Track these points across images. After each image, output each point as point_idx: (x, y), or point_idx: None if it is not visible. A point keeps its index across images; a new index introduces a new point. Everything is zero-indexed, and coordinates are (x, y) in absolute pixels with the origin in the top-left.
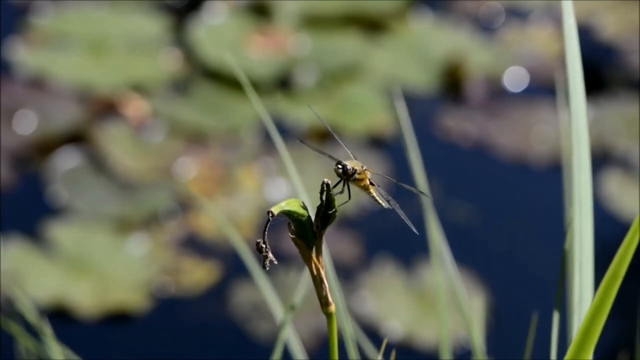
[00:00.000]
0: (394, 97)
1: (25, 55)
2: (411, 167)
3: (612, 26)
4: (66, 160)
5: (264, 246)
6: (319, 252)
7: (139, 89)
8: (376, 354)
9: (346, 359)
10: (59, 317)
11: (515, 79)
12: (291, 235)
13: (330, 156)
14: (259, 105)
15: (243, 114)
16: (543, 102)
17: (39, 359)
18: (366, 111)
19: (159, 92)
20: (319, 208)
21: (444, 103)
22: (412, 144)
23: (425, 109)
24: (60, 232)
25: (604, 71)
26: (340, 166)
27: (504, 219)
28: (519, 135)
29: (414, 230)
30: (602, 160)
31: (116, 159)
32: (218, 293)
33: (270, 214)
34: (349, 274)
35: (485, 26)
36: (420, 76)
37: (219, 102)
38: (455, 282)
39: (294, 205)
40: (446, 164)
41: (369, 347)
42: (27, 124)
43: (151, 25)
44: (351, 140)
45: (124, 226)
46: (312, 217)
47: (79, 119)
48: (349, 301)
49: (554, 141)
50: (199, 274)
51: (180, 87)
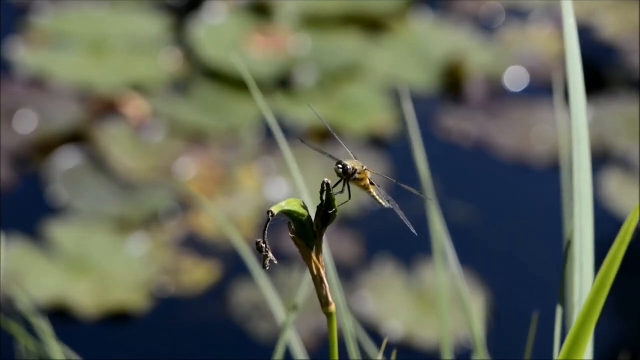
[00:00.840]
0: (397, 97)
1: (25, 55)
2: (415, 167)
3: (612, 26)
4: (66, 160)
5: (264, 246)
6: (319, 251)
7: (139, 88)
8: (377, 353)
9: (347, 359)
10: (59, 317)
11: (515, 78)
12: (291, 235)
13: (330, 156)
14: (263, 104)
15: (243, 113)
16: (543, 102)
17: (39, 358)
18: (366, 111)
19: (159, 92)
20: (319, 208)
21: (444, 103)
22: (417, 144)
23: (425, 109)
24: (60, 232)
25: (604, 71)
26: (340, 166)
27: (504, 219)
28: (519, 135)
29: (413, 231)
30: (602, 160)
31: (116, 158)
32: (218, 293)
33: (271, 214)
34: (349, 273)
35: (485, 26)
36: (420, 76)
37: (219, 102)
38: (458, 282)
39: (294, 205)
40: (446, 164)
41: (369, 347)
42: (27, 124)
43: (151, 25)
44: (351, 140)
45: (124, 226)
46: (313, 217)
47: (79, 119)
48: (349, 301)
49: (554, 141)
50: (199, 274)
51: (180, 87)
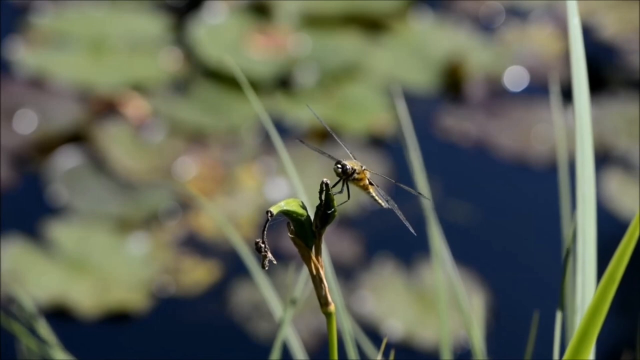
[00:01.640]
0: (394, 97)
1: (25, 55)
2: (411, 167)
3: (612, 26)
4: (66, 160)
5: (263, 246)
6: (319, 251)
7: (139, 88)
8: (376, 353)
9: (346, 358)
10: (59, 317)
11: (515, 78)
12: (290, 235)
13: (329, 156)
14: (258, 106)
15: (243, 113)
16: (543, 101)
17: (40, 358)
18: (366, 111)
19: (159, 91)
20: (318, 208)
21: (444, 103)
22: (413, 144)
23: (425, 108)
24: (61, 232)
25: (604, 71)
26: (339, 166)
27: (504, 219)
28: (519, 135)
29: (412, 231)
30: (602, 160)
31: (116, 158)
32: (218, 293)
33: (270, 214)
34: (349, 273)
35: (485, 26)
36: (420, 76)
37: (219, 101)
38: (455, 282)
39: (293, 205)
40: (446, 163)
41: (369, 346)
42: (27, 124)
43: (151, 25)
44: (351, 140)
45: (124, 226)
46: (312, 217)
47: (79, 119)
48: (349, 301)
49: (553, 141)
50: (199, 274)
51: (180, 86)
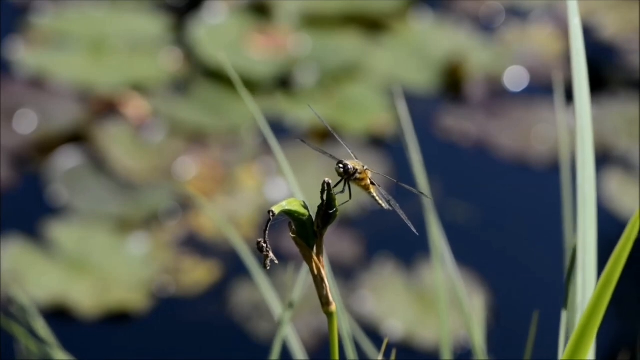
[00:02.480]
0: (394, 97)
1: (25, 55)
2: (411, 167)
3: (612, 26)
4: (66, 160)
5: (264, 246)
6: (320, 251)
7: (139, 88)
8: (376, 353)
9: (347, 358)
10: (59, 317)
11: (515, 78)
12: (292, 235)
13: (331, 156)
14: (253, 106)
15: (243, 113)
16: (543, 101)
17: (40, 358)
18: (366, 111)
19: (159, 91)
20: (319, 207)
21: (444, 103)
22: (413, 144)
23: (425, 108)
24: (61, 232)
25: (604, 71)
26: (341, 165)
27: (504, 219)
28: (519, 135)
29: (414, 231)
30: (602, 160)
31: (116, 158)
32: (218, 293)
33: (271, 214)
34: (349, 273)
35: (485, 26)
36: (420, 76)
37: (219, 101)
38: (456, 282)
39: (294, 205)
40: (446, 163)
41: (369, 347)
42: (27, 124)
43: (151, 25)
44: (351, 140)
45: (124, 226)
46: (313, 217)
47: (79, 119)
48: (349, 301)
49: (553, 141)
50: (199, 274)
51: (180, 86)
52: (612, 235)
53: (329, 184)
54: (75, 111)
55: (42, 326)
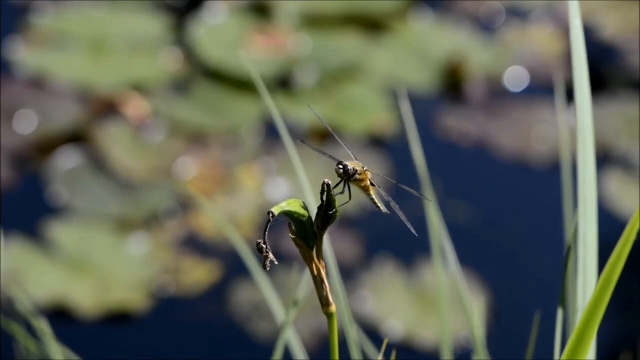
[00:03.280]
0: (395, 97)
1: (25, 55)
2: (413, 167)
3: (612, 26)
4: (66, 160)
5: (264, 246)
6: (320, 252)
7: (139, 88)
8: (376, 353)
9: (347, 358)
10: (59, 317)
11: (515, 78)
12: (291, 236)
13: (331, 156)
14: (268, 100)
15: (243, 113)
16: (543, 101)
17: (40, 358)
18: (366, 111)
19: (159, 91)
20: (319, 208)
21: (444, 103)
22: (415, 145)
23: (425, 108)
24: (61, 232)
25: (604, 70)
26: (341, 166)
27: (504, 219)
28: (519, 135)
29: (413, 232)
30: (602, 160)
31: (116, 158)
32: (218, 293)
33: (271, 214)
34: (349, 273)
35: (485, 26)
36: (421, 76)
37: (219, 101)
38: (458, 282)
39: (294, 206)
40: (446, 163)
41: (369, 347)
42: (27, 124)
43: (151, 25)
44: (351, 140)
45: (124, 226)
46: (313, 217)
47: (79, 119)
48: (349, 301)
49: (553, 141)
50: (199, 274)
51: (180, 86)
52: (612, 235)
53: (328, 185)
54: (75, 111)
55: (42, 326)
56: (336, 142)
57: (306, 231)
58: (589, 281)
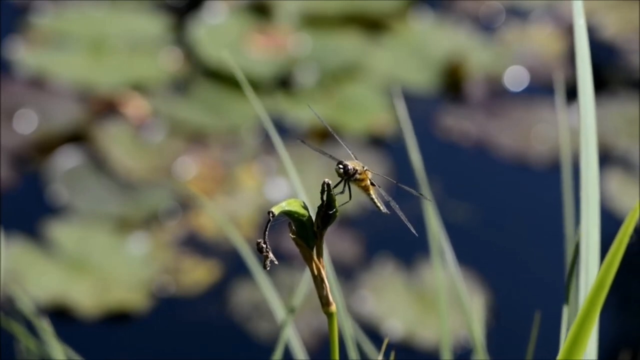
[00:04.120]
0: (394, 97)
1: (25, 55)
2: (412, 167)
3: (612, 26)
4: (66, 160)
5: (264, 246)
6: (320, 252)
7: (139, 88)
8: (376, 353)
9: (347, 358)
10: (59, 317)
11: (515, 78)
12: (292, 235)
13: (331, 156)
14: (258, 105)
15: (243, 113)
16: (543, 101)
17: (40, 358)
18: (366, 111)
19: (159, 91)
20: (319, 208)
21: (444, 102)
22: (412, 144)
23: (425, 108)
24: (61, 232)
25: (604, 70)
26: (341, 166)
27: (504, 219)
28: (519, 135)
29: (413, 232)
30: (602, 159)
31: (116, 158)
32: (218, 293)
33: (271, 214)
34: (349, 273)
35: (485, 26)
36: (421, 76)
37: (219, 101)
38: (457, 282)
39: (294, 205)
40: (446, 163)
41: (369, 347)
42: (27, 124)
43: (151, 25)
44: (351, 140)
45: (124, 226)
46: (313, 217)
47: (79, 119)
48: (349, 301)
49: (554, 141)
50: (199, 274)
51: (180, 86)
52: (612, 234)
53: (328, 185)
54: (75, 111)
55: (43, 325)
56: (336, 142)
57: (306, 231)
58: (591, 281)
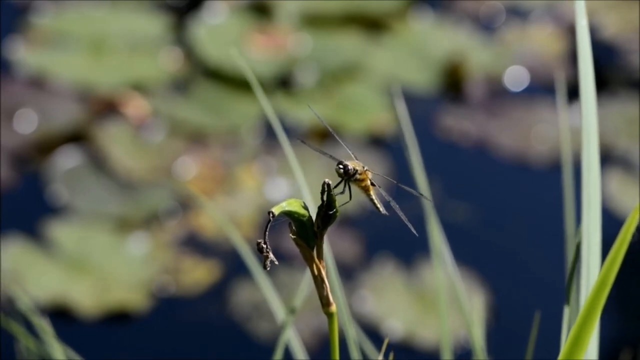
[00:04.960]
0: (394, 97)
1: (25, 55)
2: (412, 167)
3: (612, 25)
4: (66, 160)
5: (264, 246)
6: (320, 252)
7: (139, 88)
8: (376, 353)
9: (347, 358)
10: (59, 317)
11: (515, 78)
12: (292, 236)
13: (331, 156)
14: (264, 102)
15: (243, 113)
16: (543, 101)
17: (40, 358)
18: (366, 111)
19: (159, 91)
20: (319, 208)
21: (444, 102)
22: (412, 144)
23: (425, 108)
24: (61, 232)
25: (604, 70)
26: (341, 166)
27: (504, 219)
28: (519, 135)
29: (413, 232)
30: (602, 159)
31: (116, 158)
32: (218, 293)
33: (271, 214)
34: (349, 273)
35: (485, 25)
36: (421, 76)
37: (219, 101)
38: (456, 282)
39: (294, 206)
40: (446, 163)
41: (369, 347)
42: (27, 123)
43: (151, 25)
44: (351, 140)
45: (124, 225)
46: (313, 217)
47: (79, 118)
48: (349, 300)
49: (554, 141)
50: (199, 274)
51: (180, 86)
52: (612, 234)
53: (329, 185)
54: (75, 111)
55: (42, 326)
56: (336, 142)
57: (307, 231)
58: (592, 281)
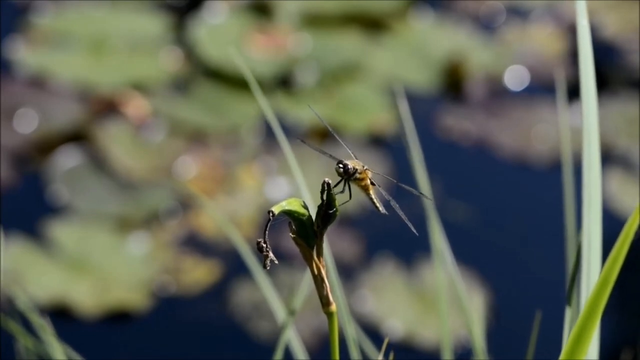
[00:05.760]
0: (395, 97)
1: (25, 54)
2: (412, 167)
3: (612, 25)
4: (67, 159)
5: (264, 246)
6: (320, 251)
7: (140, 88)
8: (376, 353)
9: (347, 358)
10: (59, 316)
11: (515, 78)
12: (292, 235)
13: (331, 156)
14: (263, 102)
15: (243, 113)
16: (544, 101)
17: (40, 358)
18: (366, 110)
19: (159, 91)
20: (319, 207)
21: (445, 102)
22: (414, 144)
23: (425, 108)
24: (61, 231)
25: (604, 70)
26: (341, 165)
27: (504, 218)
28: (519, 135)
29: (413, 231)
30: (602, 159)
31: (117, 158)
32: (218, 292)
33: (271, 214)
34: (349, 273)
35: (485, 25)
36: (421, 75)
37: (219, 101)
38: (456, 282)
39: (294, 205)
40: (446, 163)
41: (369, 346)
42: (27, 123)
43: (152, 25)
44: (351, 140)
45: (124, 225)
46: (313, 217)
47: (79, 118)
48: (349, 300)
49: (554, 140)
50: (199, 273)
51: (180, 86)
52: (612, 234)
53: (328, 184)
54: (76, 111)
55: (43, 325)
56: (336, 141)
57: (307, 230)
58: (593, 280)
